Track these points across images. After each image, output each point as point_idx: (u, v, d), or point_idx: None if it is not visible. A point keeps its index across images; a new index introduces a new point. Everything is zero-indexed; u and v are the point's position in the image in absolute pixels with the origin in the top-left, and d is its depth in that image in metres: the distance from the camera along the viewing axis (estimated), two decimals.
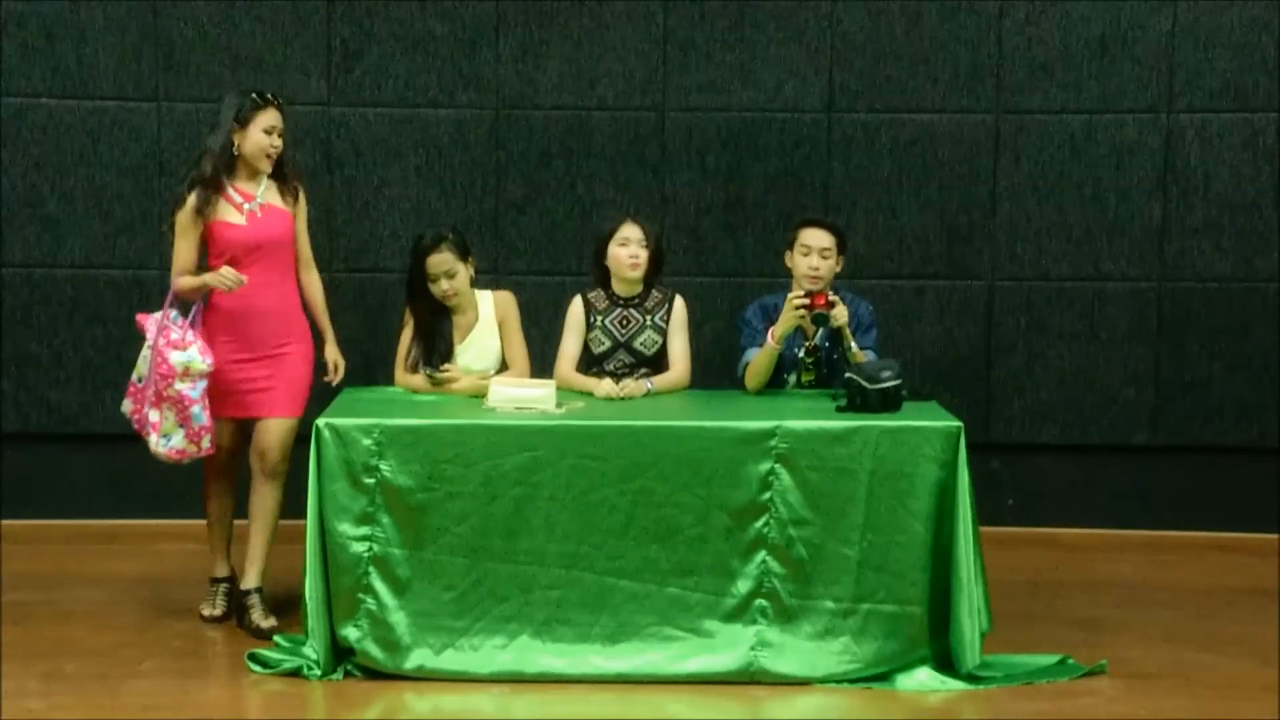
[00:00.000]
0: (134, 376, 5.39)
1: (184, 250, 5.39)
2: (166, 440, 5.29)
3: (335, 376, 5.63)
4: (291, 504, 5.36)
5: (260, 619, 5.32)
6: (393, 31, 6.81)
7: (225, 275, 5.27)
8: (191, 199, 5.34)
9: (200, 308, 5.36)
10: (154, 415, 5.28)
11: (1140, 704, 4.89)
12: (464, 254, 5.65)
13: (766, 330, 5.59)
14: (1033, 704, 4.89)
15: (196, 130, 6.73)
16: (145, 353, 5.34)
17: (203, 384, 5.27)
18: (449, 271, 5.59)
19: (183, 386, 5.23)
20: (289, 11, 6.79)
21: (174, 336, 5.27)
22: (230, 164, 5.37)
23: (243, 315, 5.35)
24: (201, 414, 5.27)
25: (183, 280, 5.37)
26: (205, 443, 5.31)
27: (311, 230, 5.65)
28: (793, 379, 5.76)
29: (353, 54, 6.82)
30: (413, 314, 5.69)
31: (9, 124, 6.78)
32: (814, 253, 5.67)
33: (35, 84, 6.78)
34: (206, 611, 5.50)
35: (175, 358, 5.23)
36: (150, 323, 5.35)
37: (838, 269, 5.74)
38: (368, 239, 6.88)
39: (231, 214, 5.35)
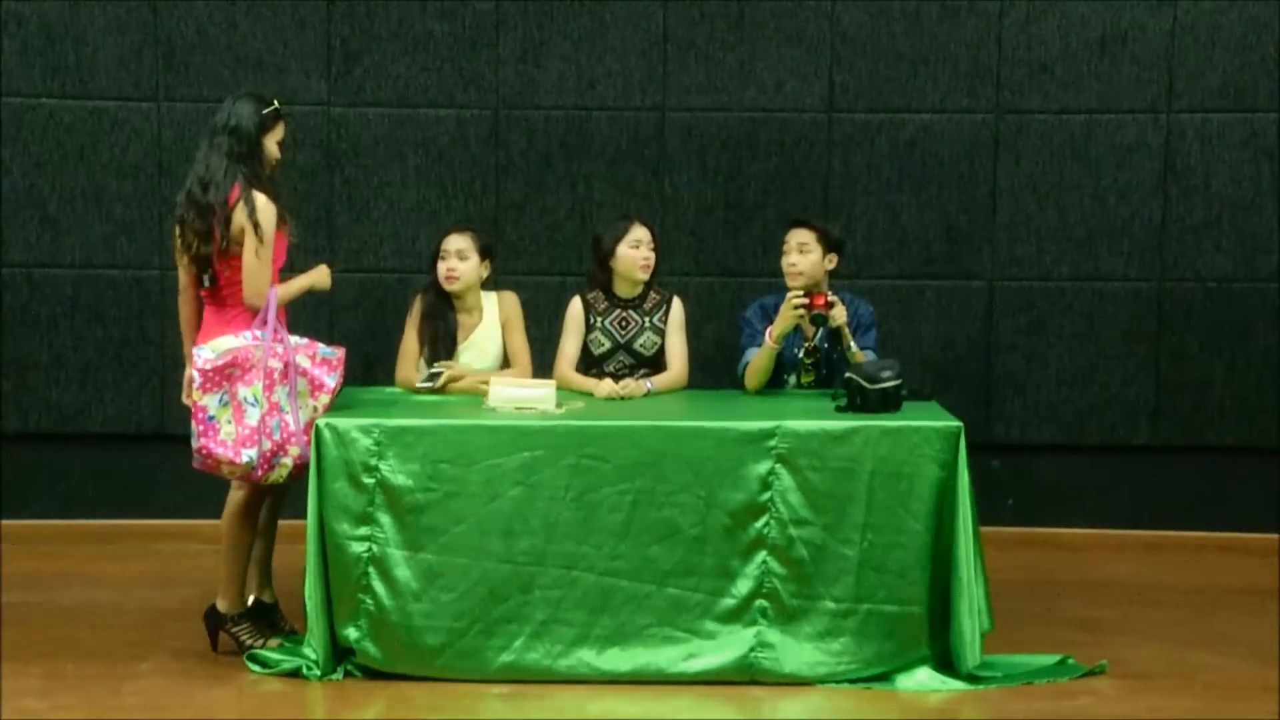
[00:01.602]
0: (250, 420, 4.96)
1: (273, 259, 5.12)
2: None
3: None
4: (292, 504, 5.35)
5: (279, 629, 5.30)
6: (393, 31, 6.81)
7: (329, 274, 5.21)
8: (275, 207, 5.06)
9: (282, 319, 5.11)
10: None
11: (1140, 704, 4.89)
12: (484, 251, 5.70)
13: (766, 330, 5.60)
14: (1033, 704, 4.89)
15: (197, 130, 6.72)
16: (256, 385, 4.98)
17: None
18: (460, 252, 5.61)
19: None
20: (289, 11, 6.79)
21: (295, 342, 5.07)
22: (268, 169, 5.17)
23: (283, 323, 5.18)
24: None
25: (285, 288, 5.13)
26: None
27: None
28: (792, 379, 5.76)
29: (353, 54, 6.82)
30: (421, 303, 5.68)
31: (9, 124, 6.78)
32: (792, 249, 5.68)
33: (35, 84, 6.78)
34: (258, 642, 5.18)
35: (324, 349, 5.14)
36: (253, 350, 4.99)
37: (829, 266, 5.71)
38: (368, 239, 6.88)
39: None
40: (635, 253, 5.68)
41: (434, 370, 5.56)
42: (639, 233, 5.70)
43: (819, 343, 5.72)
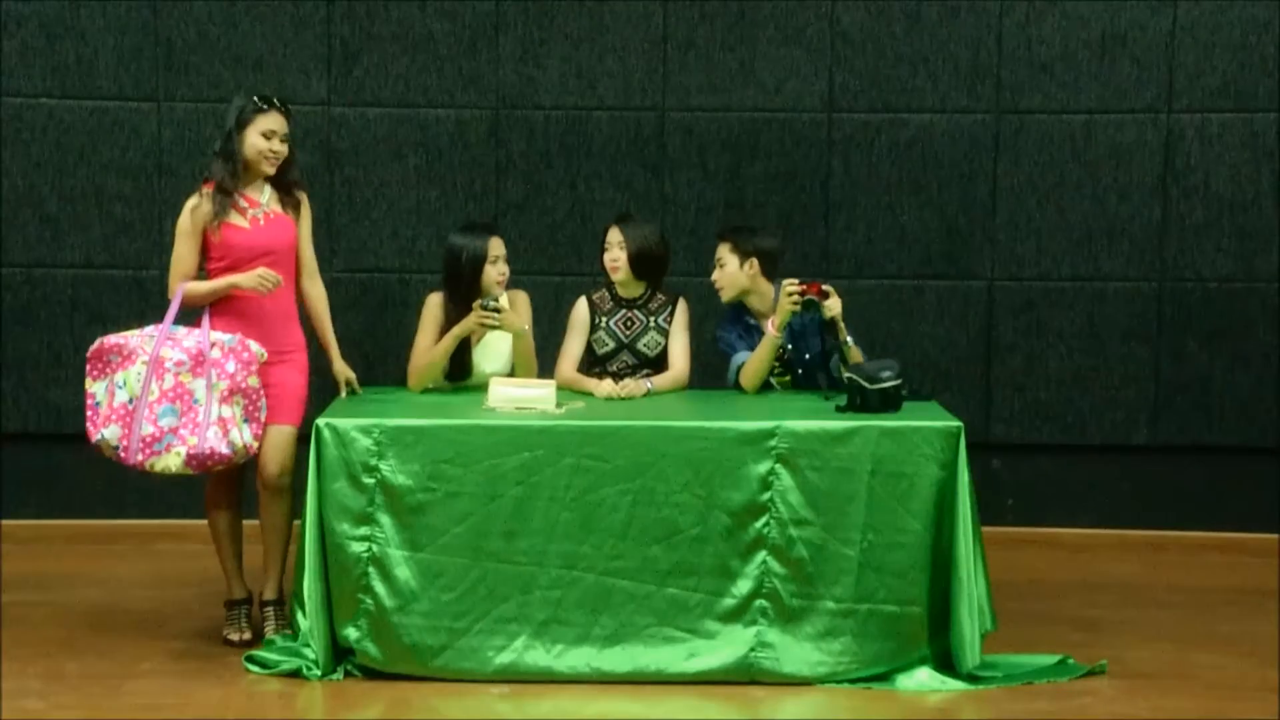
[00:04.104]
0: (124, 398, 5.06)
1: (187, 254, 5.26)
2: (240, 434, 5.07)
3: (356, 390, 5.50)
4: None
5: (273, 632, 5.26)
6: (393, 31, 6.81)
7: (266, 277, 5.15)
8: (204, 202, 5.23)
9: (208, 314, 5.22)
10: (225, 410, 5.04)
11: (1140, 704, 4.89)
12: None
13: (740, 335, 5.64)
14: (1033, 704, 4.89)
15: (197, 130, 6.75)
16: (138, 369, 5.06)
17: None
18: (504, 256, 5.60)
19: (254, 381, 5.12)
20: (289, 11, 6.80)
21: (214, 338, 5.11)
22: (237, 168, 5.26)
23: (248, 322, 5.22)
24: (266, 406, 5.18)
25: (196, 285, 5.22)
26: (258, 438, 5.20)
27: (311, 230, 5.59)
28: (774, 382, 5.74)
29: (353, 54, 6.83)
30: (447, 308, 5.56)
31: (9, 124, 6.78)
32: (716, 266, 5.70)
33: (35, 84, 6.79)
34: (234, 636, 5.31)
35: (255, 347, 5.12)
36: (134, 340, 5.12)
37: (750, 272, 5.69)
38: (368, 239, 6.89)
39: (236, 218, 5.25)
40: (605, 255, 5.71)
41: (492, 300, 5.47)
42: (610, 235, 5.71)
43: (783, 343, 5.69)
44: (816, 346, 5.65)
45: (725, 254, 5.71)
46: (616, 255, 5.68)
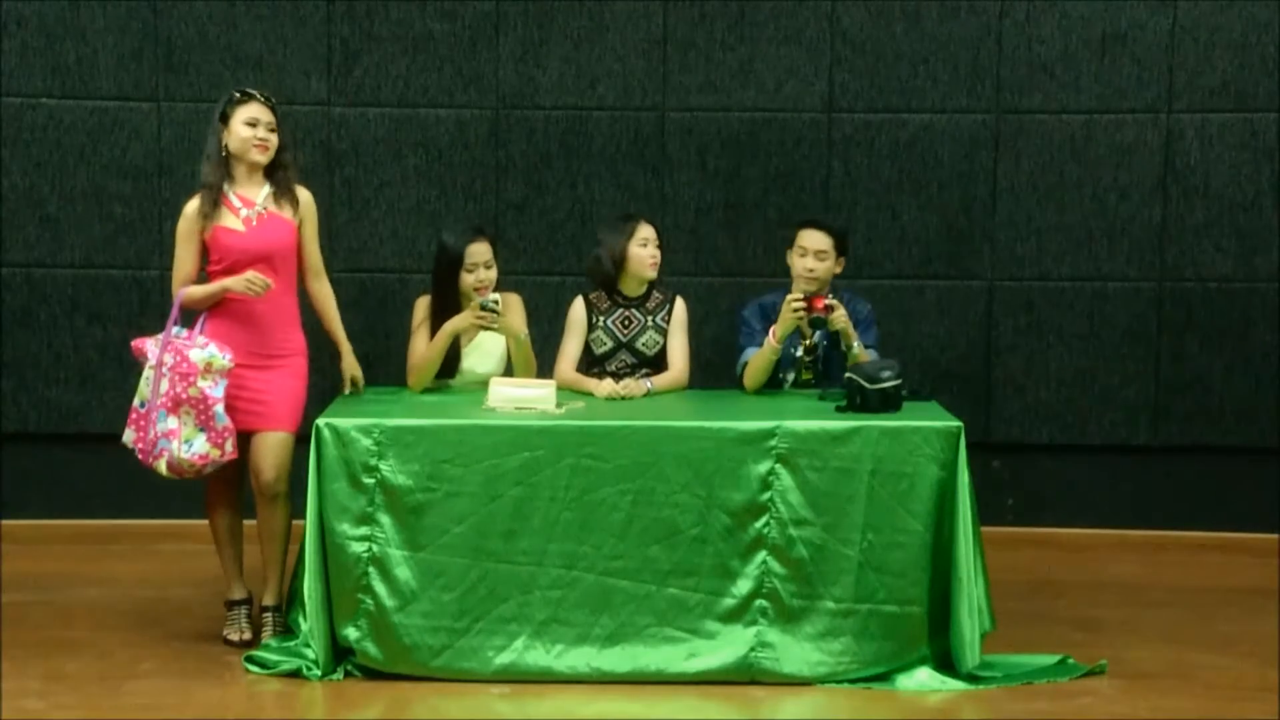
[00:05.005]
0: (135, 402, 5.18)
1: (187, 258, 5.27)
2: (189, 446, 5.08)
3: (358, 389, 5.52)
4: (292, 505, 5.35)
5: (271, 637, 5.25)
6: (393, 31, 6.82)
7: (254, 280, 5.15)
8: (194, 204, 5.25)
9: (204, 316, 5.24)
10: (171, 422, 5.07)
11: (1140, 704, 4.90)
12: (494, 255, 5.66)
13: (765, 330, 5.61)
14: (1033, 704, 4.89)
15: (197, 130, 6.74)
16: (147, 374, 5.14)
17: (224, 383, 5.09)
18: (488, 262, 5.58)
19: (205, 384, 5.06)
20: (289, 11, 6.80)
21: (185, 340, 5.15)
22: (227, 167, 5.28)
23: (242, 325, 5.23)
24: (224, 415, 5.09)
25: (193, 289, 5.23)
26: (229, 446, 5.12)
27: (317, 229, 5.57)
28: (791, 378, 5.76)
29: (353, 54, 6.83)
30: (434, 306, 5.57)
31: (9, 124, 6.78)
32: (810, 254, 5.69)
33: (35, 84, 6.78)
34: (234, 636, 5.32)
35: (195, 355, 5.07)
36: (150, 344, 5.18)
37: (838, 270, 5.75)
38: (368, 239, 6.89)
39: (230, 219, 5.24)
40: (644, 251, 5.68)
41: (490, 300, 5.45)
42: (646, 231, 5.70)
43: (818, 340, 5.72)
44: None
45: (829, 248, 5.70)
46: (655, 252, 5.68)
